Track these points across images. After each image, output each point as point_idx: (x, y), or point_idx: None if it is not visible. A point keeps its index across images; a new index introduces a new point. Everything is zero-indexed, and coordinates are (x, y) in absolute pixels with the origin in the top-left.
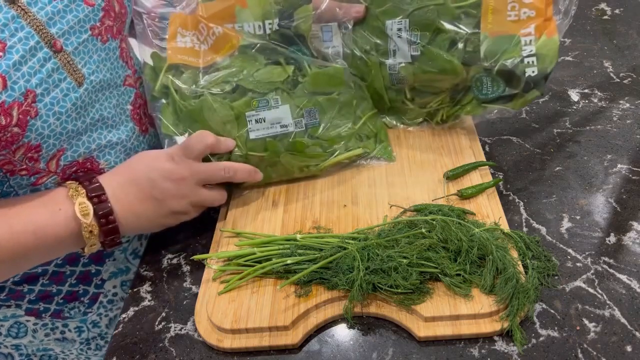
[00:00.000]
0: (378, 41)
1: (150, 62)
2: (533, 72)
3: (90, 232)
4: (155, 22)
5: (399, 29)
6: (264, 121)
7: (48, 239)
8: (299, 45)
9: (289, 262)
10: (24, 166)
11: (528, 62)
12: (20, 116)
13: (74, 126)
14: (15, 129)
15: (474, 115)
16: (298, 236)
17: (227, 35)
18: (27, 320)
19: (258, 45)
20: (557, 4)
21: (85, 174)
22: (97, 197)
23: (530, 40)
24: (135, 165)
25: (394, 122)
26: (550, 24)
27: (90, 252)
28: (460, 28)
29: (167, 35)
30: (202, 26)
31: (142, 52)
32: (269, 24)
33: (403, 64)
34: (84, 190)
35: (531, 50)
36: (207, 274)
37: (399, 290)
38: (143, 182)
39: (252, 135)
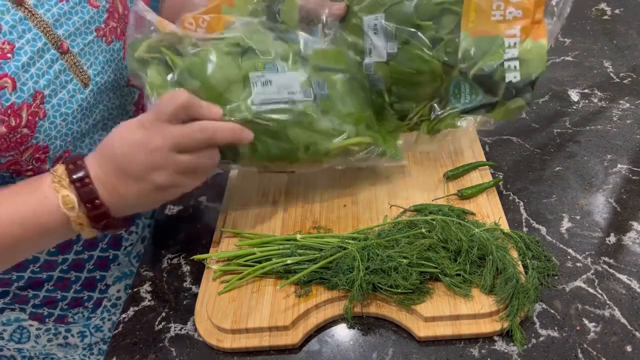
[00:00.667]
0: (357, 40)
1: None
2: (515, 77)
3: (80, 224)
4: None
5: (375, 25)
6: (271, 84)
7: (36, 229)
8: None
9: (289, 262)
10: (31, 167)
11: (509, 67)
12: (30, 117)
13: (79, 127)
14: (25, 130)
15: (457, 127)
16: (298, 236)
17: (216, 18)
18: (31, 325)
19: (264, 18)
20: (549, 5)
21: (75, 156)
22: (80, 182)
23: (515, 43)
24: (111, 140)
25: None
26: (540, 26)
27: (88, 237)
28: (440, 26)
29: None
30: (190, 22)
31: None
32: (258, 22)
33: (379, 63)
34: (67, 178)
35: (514, 54)
36: (207, 274)
37: (399, 290)
38: (119, 158)
39: (257, 100)
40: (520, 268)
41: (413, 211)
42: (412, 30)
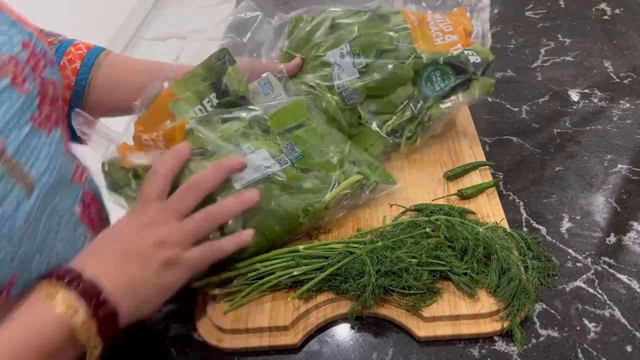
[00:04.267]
0: (322, 74)
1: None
2: (476, 59)
3: (86, 330)
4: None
5: (341, 54)
6: (246, 168)
7: (39, 348)
8: (245, 107)
9: (295, 273)
10: None
11: (469, 53)
12: None
13: (27, 247)
14: None
15: (442, 114)
16: (301, 247)
17: (172, 129)
18: None
19: (213, 95)
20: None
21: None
22: (76, 281)
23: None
24: (97, 243)
25: None
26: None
27: (94, 354)
28: (398, 50)
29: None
30: (145, 139)
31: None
32: (207, 101)
33: (351, 79)
34: (60, 282)
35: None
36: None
37: (412, 292)
38: (111, 247)
39: (237, 186)
40: (521, 268)
41: (414, 211)
42: (377, 53)
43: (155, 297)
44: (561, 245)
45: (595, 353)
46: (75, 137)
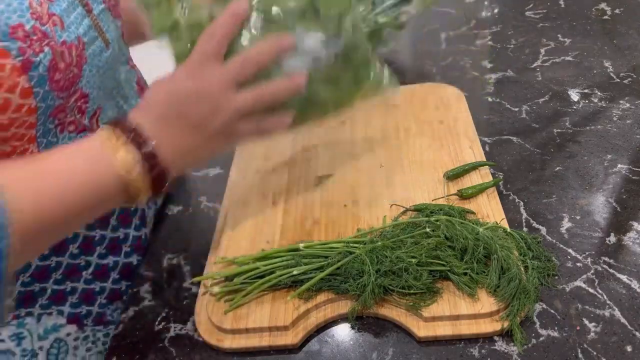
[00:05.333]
0: None
1: None
2: None
3: (137, 187)
4: None
5: None
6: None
7: (93, 194)
8: None
9: (295, 272)
10: (73, 118)
11: None
12: (77, 59)
13: (107, 84)
14: (75, 70)
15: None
16: (301, 245)
17: None
18: (68, 335)
19: None
20: None
21: (119, 117)
22: (135, 139)
23: None
24: (155, 98)
25: None
26: None
27: (139, 203)
28: None
29: None
30: None
31: None
32: None
33: None
34: (121, 136)
35: None
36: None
37: (412, 292)
38: (170, 114)
39: (285, 67)
40: (521, 268)
41: (414, 211)
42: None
43: (203, 159)
44: (561, 245)
45: (595, 353)
46: None
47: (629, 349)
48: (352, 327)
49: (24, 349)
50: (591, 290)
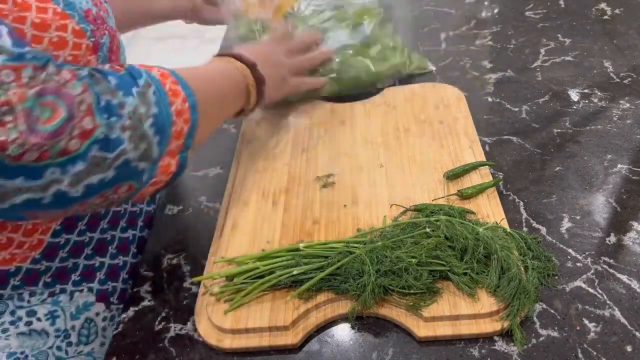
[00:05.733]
0: None
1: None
2: None
3: (250, 91)
4: None
5: None
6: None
7: (232, 82)
8: None
9: (295, 272)
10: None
11: None
12: (118, 44)
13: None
14: (120, 57)
15: None
16: (301, 245)
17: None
18: (97, 314)
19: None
20: None
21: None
22: (245, 62)
23: None
24: (249, 49)
25: None
26: None
27: (249, 112)
28: None
29: None
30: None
31: None
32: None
33: None
34: (233, 58)
35: None
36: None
37: (412, 292)
38: (260, 56)
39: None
40: (521, 268)
41: (414, 211)
42: None
43: (277, 92)
44: (561, 245)
45: (595, 353)
46: None
47: (629, 349)
48: (352, 327)
49: (58, 328)
50: (591, 290)
